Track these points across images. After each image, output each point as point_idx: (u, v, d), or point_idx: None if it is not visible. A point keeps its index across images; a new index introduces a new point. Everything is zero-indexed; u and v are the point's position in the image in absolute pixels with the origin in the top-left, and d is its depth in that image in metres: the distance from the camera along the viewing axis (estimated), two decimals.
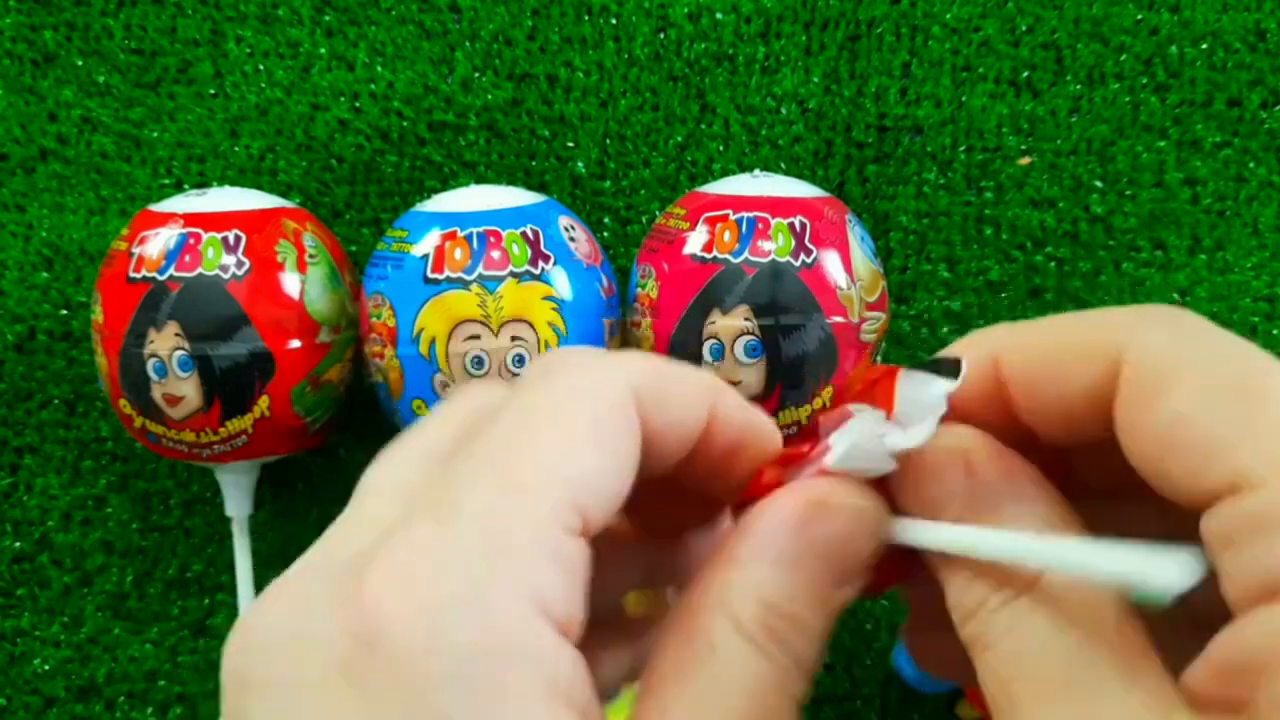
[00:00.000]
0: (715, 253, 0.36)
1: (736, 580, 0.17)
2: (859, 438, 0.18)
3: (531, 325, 0.36)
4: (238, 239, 0.37)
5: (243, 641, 0.16)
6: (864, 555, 0.18)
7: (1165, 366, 0.17)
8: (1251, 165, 0.43)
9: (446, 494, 0.16)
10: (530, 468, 0.16)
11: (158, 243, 0.37)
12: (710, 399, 0.19)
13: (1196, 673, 0.15)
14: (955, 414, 0.18)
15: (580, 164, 0.44)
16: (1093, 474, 0.20)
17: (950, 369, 0.18)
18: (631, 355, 0.18)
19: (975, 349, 0.19)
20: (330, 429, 0.41)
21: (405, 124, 0.45)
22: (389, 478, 0.18)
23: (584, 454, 0.16)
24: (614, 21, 0.45)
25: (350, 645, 0.14)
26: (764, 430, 0.20)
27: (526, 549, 0.15)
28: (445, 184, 0.45)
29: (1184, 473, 0.16)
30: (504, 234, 0.36)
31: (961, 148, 0.43)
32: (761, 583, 0.17)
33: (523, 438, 0.16)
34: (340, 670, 0.14)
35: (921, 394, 0.18)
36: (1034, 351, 0.18)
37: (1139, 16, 0.43)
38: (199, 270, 0.36)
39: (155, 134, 0.45)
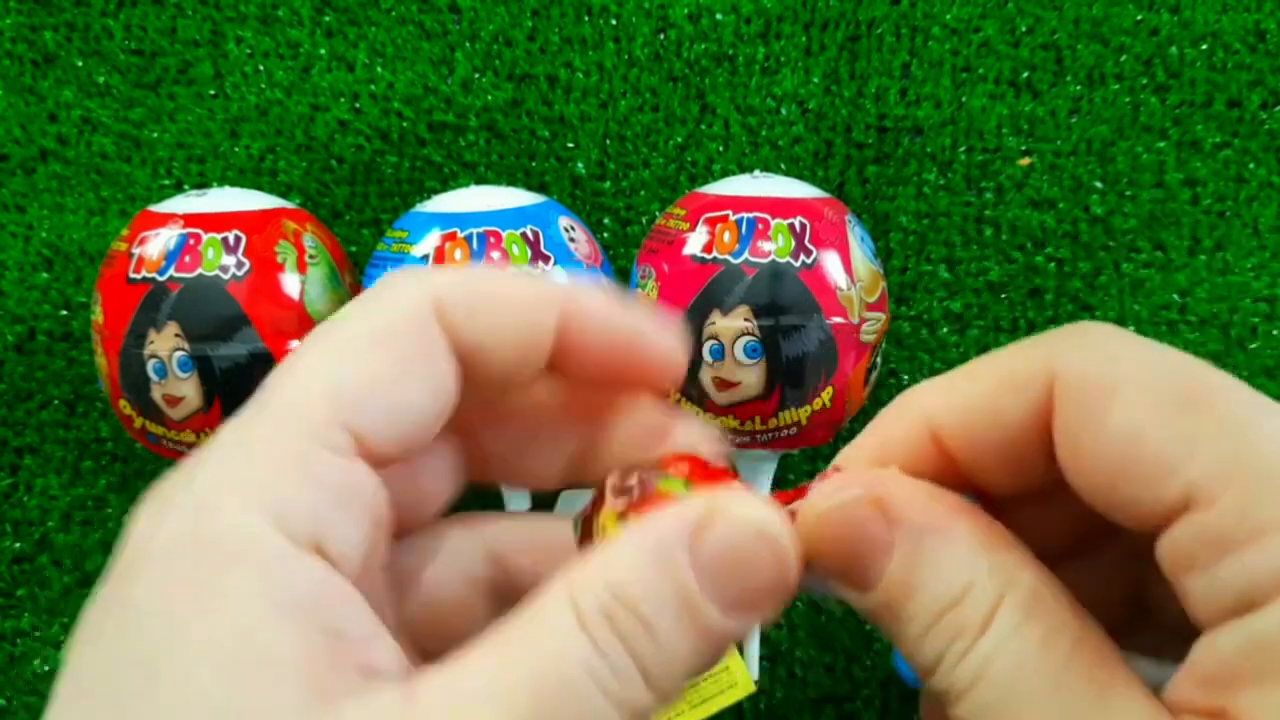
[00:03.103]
0: (715, 253, 0.36)
1: (594, 561, 0.16)
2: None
3: None
4: (238, 239, 0.37)
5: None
6: (765, 589, 0.16)
7: (1100, 385, 0.16)
8: (1251, 165, 0.43)
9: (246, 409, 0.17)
10: (290, 384, 0.16)
11: (158, 243, 0.37)
12: (554, 307, 0.17)
13: (1179, 686, 0.15)
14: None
15: (580, 164, 0.44)
16: (1051, 533, 0.19)
17: None
18: (449, 268, 0.17)
19: (903, 414, 0.18)
20: None
21: (405, 124, 0.45)
22: None
23: (357, 368, 0.16)
24: (614, 22, 0.45)
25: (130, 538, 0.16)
26: (647, 335, 0.18)
27: (270, 464, 0.15)
28: (445, 184, 0.45)
29: (1133, 494, 0.15)
30: (504, 234, 0.36)
31: (961, 148, 0.43)
32: (617, 570, 0.15)
33: (297, 355, 0.16)
34: (124, 557, 0.16)
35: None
36: (962, 397, 0.17)
37: (1139, 17, 0.43)
38: (199, 271, 0.36)
39: (155, 134, 0.45)
